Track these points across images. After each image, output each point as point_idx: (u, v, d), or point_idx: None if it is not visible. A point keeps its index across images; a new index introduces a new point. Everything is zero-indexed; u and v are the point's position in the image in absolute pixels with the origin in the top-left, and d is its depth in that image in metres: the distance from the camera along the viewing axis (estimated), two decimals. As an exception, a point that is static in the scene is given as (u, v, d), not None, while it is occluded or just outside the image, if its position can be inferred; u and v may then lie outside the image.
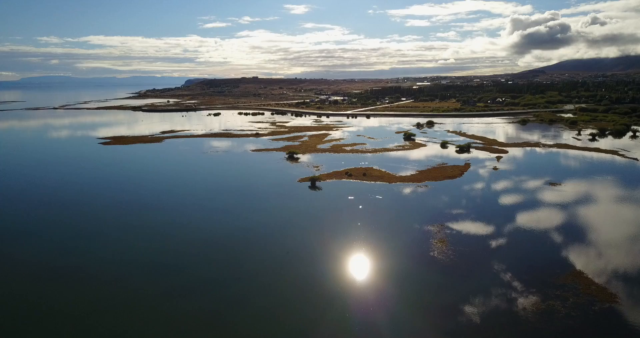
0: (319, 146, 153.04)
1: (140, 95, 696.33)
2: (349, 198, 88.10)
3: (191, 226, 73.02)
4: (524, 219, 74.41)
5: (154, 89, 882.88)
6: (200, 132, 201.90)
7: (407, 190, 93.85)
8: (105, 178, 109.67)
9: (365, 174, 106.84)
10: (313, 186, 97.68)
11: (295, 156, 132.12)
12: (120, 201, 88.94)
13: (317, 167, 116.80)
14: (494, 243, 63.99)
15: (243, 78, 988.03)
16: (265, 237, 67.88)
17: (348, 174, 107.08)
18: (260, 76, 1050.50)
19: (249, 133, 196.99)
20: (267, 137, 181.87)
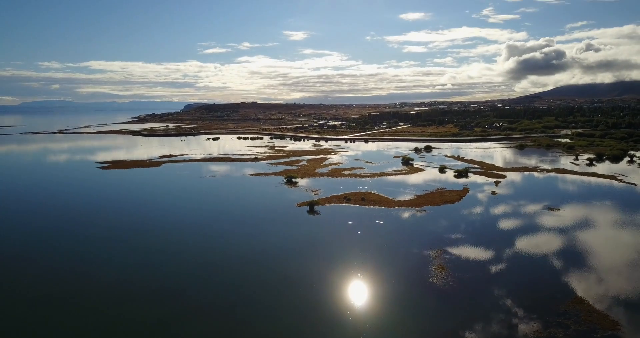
0: (317, 171, 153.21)
1: (139, 119, 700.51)
2: (349, 223, 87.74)
3: (189, 251, 72.47)
4: (523, 244, 74.04)
5: (154, 113, 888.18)
6: (199, 156, 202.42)
7: (406, 215, 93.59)
8: (102, 203, 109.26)
9: (364, 198, 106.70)
10: (312, 211, 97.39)
11: (293, 180, 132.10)
12: (117, 225, 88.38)
13: (315, 191, 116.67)
14: (493, 269, 63.53)
15: (242, 103, 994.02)
16: (263, 263, 67.32)
17: (347, 198, 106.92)
18: (259, 101, 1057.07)
19: (247, 157, 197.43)
20: (266, 161, 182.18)
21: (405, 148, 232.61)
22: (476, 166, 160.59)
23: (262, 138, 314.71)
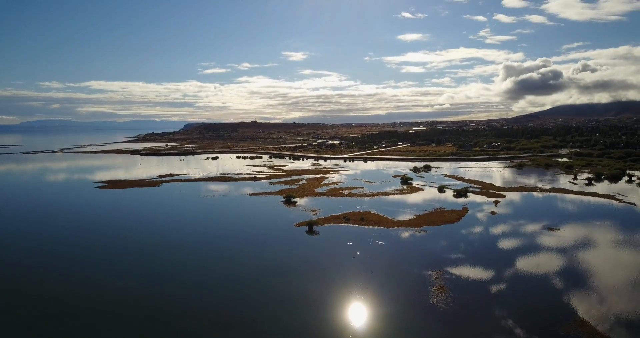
0: (316, 190, 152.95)
1: (139, 139, 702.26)
2: (348, 243, 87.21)
3: (187, 272, 71.89)
4: (523, 264, 73.57)
5: (153, 133, 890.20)
6: (197, 176, 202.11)
7: (406, 235, 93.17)
8: (100, 223, 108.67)
9: (363, 218, 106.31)
10: (310, 231, 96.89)
11: (292, 199, 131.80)
12: (115, 246, 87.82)
13: (314, 211, 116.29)
14: (494, 289, 62.98)
15: (242, 122, 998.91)
16: (262, 283, 66.70)
17: (346, 218, 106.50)
18: (258, 121, 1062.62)
19: (246, 176, 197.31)
20: (265, 180, 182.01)
21: (404, 167, 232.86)
22: (475, 185, 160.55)
23: (261, 157, 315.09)
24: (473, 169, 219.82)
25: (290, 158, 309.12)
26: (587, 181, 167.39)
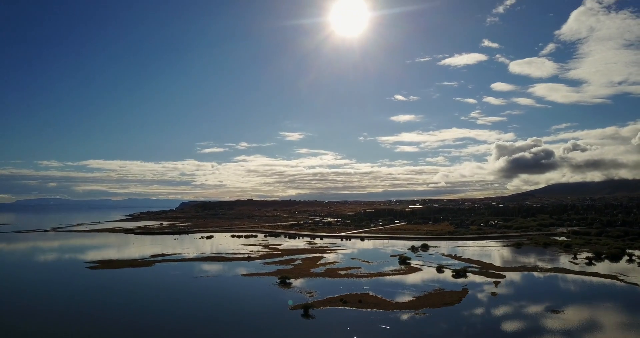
0: (312, 270, 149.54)
1: (134, 217, 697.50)
2: (347, 328, 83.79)
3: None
4: (529, 350, 70.39)
5: (149, 211, 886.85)
6: (191, 255, 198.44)
7: (405, 318, 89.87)
8: (88, 306, 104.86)
9: (361, 301, 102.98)
10: (306, 315, 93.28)
11: (287, 281, 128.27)
12: (102, 330, 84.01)
13: (310, 293, 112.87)
14: (500, 379, 59.64)
15: (238, 200, 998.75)
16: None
17: (343, 301, 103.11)
18: (255, 198, 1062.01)
19: (240, 256, 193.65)
20: (259, 260, 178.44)
21: (401, 246, 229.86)
22: (474, 265, 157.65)
23: (256, 236, 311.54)
24: (471, 248, 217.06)
25: (285, 236, 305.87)
26: (587, 261, 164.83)
